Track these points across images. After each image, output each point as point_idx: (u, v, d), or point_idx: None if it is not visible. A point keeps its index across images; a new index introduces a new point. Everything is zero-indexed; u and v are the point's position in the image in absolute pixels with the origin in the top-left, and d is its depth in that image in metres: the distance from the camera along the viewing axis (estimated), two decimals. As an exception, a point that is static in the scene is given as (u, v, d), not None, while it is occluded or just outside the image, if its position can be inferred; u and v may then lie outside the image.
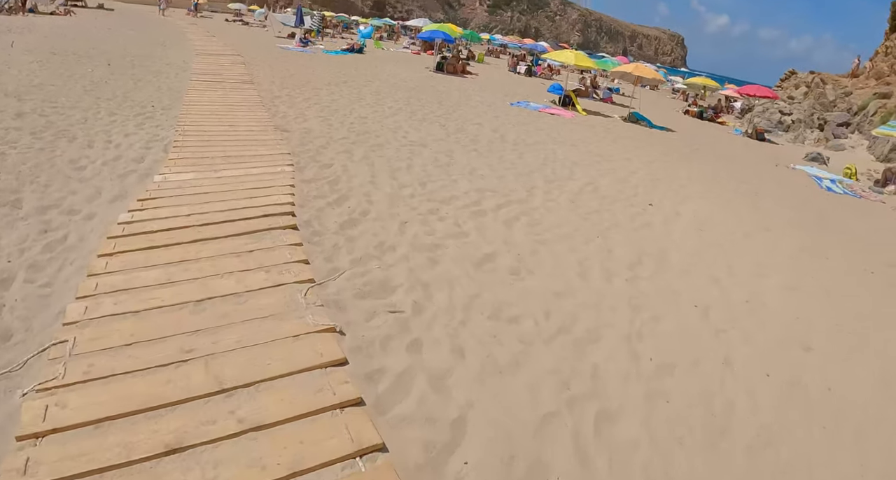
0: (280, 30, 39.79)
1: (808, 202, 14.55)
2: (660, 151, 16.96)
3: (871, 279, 8.87)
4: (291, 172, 8.58)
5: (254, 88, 15.71)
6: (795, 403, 4.97)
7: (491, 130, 14.85)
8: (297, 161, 9.24)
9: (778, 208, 12.59)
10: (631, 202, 10.51)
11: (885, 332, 6.83)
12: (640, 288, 6.76)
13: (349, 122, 12.97)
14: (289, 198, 7.41)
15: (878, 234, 12.56)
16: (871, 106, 29.37)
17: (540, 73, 37.51)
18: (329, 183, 8.40)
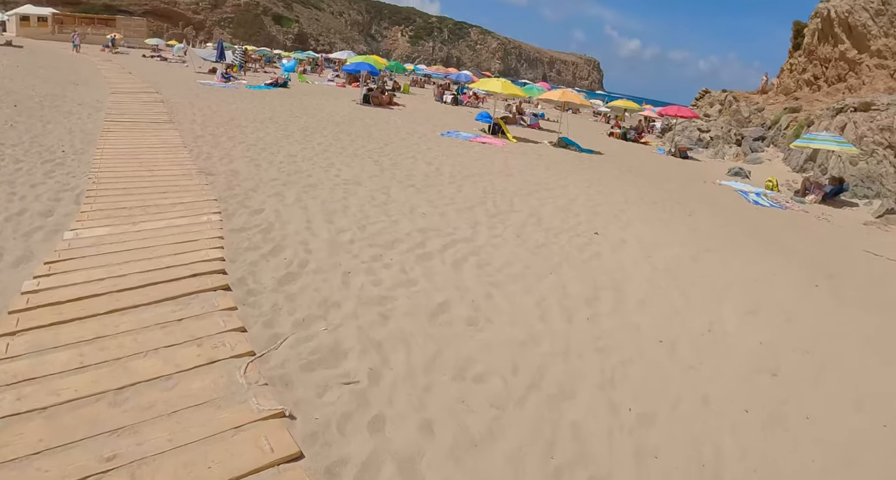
0: (200, 65, 38.46)
1: (741, 218, 14.80)
2: (593, 175, 16.94)
3: (817, 293, 8.98)
4: (219, 221, 7.83)
5: (174, 128, 14.78)
6: (780, 439, 4.81)
7: (425, 163, 14.42)
8: (224, 208, 8.49)
9: (715, 227, 12.72)
10: (576, 231, 10.25)
11: (842, 349, 6.86)
12: (602, 327, 6.43)
13: (278, 162, 12.28)
14: (218, 252, 6.69)
15: (811, 245, 12.96)
16: (783, 120, 30.53)
17: (466, 101, 37.54)
18: (261, 231, 7.71)
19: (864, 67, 30.66)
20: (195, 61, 39.43)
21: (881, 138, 23.13)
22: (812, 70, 35.37)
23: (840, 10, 31.30)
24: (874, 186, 22.11)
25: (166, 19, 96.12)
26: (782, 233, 13.71)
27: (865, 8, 30.19)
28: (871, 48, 29.97)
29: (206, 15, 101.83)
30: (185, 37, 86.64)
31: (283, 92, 29.09)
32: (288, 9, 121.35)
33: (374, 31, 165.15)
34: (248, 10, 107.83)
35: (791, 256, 11.26)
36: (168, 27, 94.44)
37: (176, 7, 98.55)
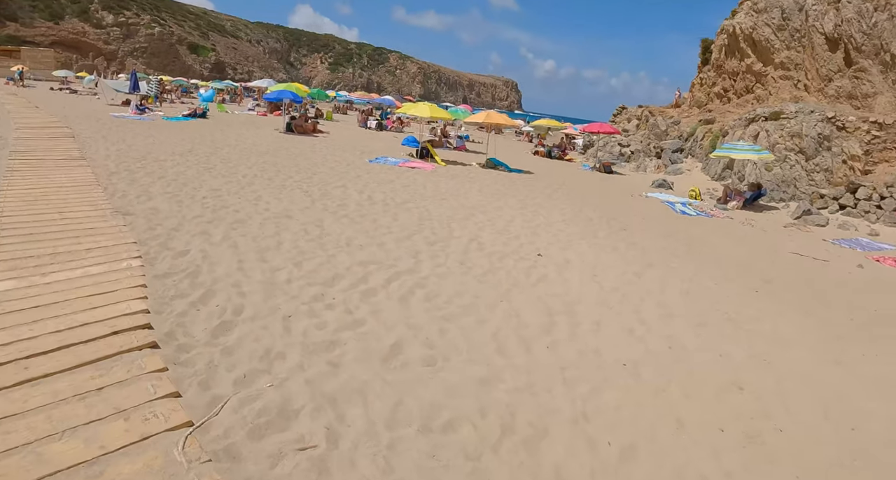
0: (113, 97, 36.52)
1: (673, 229, 15.04)
2: (526, 195, 16.85)
3: (759, 299, 9.23)
4: (140, 267, 7.08)
5: (86, 165, 13.71)
6: (759, 456, 4.77)
7: (357, 192, 13.92)
8: (145, 251, 7.73)
9: (651, 240, 12.83)
10: (519, 254, 10.00)
11: (795, 354, 7.04)
12: (564, 356, 6.15)
13: (201, 197, 11.52)
14: (141, 303, 5.97)
15: (742, 251, 13.41)
16: (699, 131, 31.52)
17: (391, 126, 37.23)
18: (188, 276, 7.02)
19: (770, 79, 32.09)
20: (107, 93, 37.30)
21: (792, 144, 24.16)
22: (721, 83, 36.81)
23: (745, 27, 32.70)
24: (789, 189, 23.15)
25: (75, 50, 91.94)
26: (714, 242, 14.06)
27: (768, 24, 31.64)
28: (774, 61, 31.41)
29: (117, 45, 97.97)
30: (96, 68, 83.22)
31: (203, 123, 27.99)
32: (204, 37, 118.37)
33: (293, 58, 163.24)
34: (163, 40, 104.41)
35: (727, 264, 11.59)
36: (77, 58, 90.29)
37: (85, 37, 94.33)
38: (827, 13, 28.32)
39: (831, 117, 24.04)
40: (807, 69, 29.84)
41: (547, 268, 9.33)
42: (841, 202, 21.04)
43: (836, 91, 27.81)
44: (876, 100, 25.72)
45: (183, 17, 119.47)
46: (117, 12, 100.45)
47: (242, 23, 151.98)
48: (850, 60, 27.09)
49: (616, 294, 8.53)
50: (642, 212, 17.53)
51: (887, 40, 25.28)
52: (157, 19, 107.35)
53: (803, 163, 23.76)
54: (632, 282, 9.22)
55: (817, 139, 23.61)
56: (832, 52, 28.10)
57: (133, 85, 33.33)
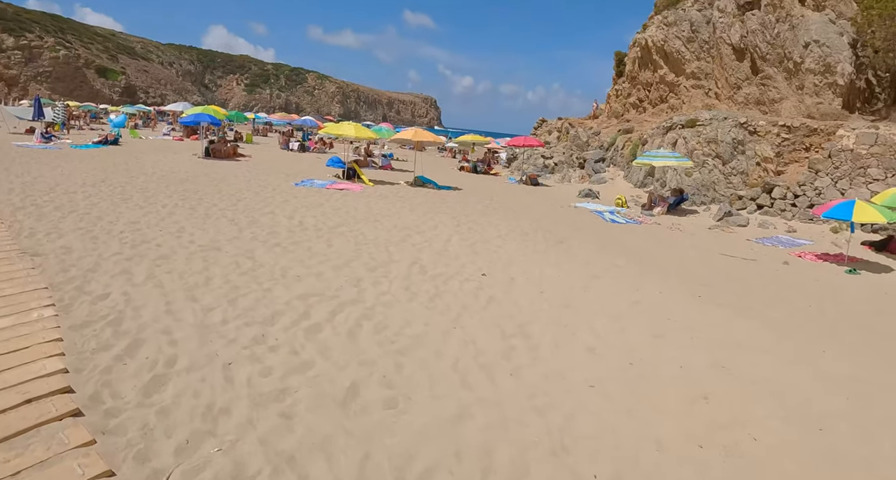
0: (15, 125, 34.33)
1: (607, 238, 15.26)
2: (459, 212, 16.57)
3: (703, 304, 9.36)
4: (54, 317, 6.27)
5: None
6: (741, 469, 4.67)
7: (286, 218, 13.28)
8: (59, 298, 6.90)
9: (590, 252, 12.88)
10: (463, 275, 9.67)
11: (749, 358, 7.08)
12: (529, 383, 5.85)
13: (118, 232, 10.60)
14: (58, 361, 5.21)
15: (675, 255, 13.83)
16: (619, 141, 32.19)
17: (313, 147, 36.41)
18: (110, 323, 6.25)
19: (683, 88, 33.18)
20: (9, 121, 35.07)
21: (709, 150, 24.95)
22: (637, 94, 37.85)
23: (656, 40, 33.72)
24: (709, 193, 23.93)
25: None
26: (648, 248, 14.31)
27: (678, 36, 32.73)
28: (686, 71, 32.52)
29: (19, 69, 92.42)
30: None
31: (115, 150, 26.51)
32: (113, 60, 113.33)
33: (208, 80, 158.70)
34: (69, 63, 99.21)
35: (665, 271, 11.76)
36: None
37: None
38: (733, 25, 29.53)
39: (743, 123, 24.95)
40: (717, 78, 31.00)
41: (493, 289, 9.03)
42: (758, 202, 21.89)
43: (745, 98, 28.99)
44: (782, 105, 26.95)
45: (90, 40, 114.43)
46: (18, 35, 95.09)
47: (154, 44, 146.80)
48: (757, 69, 28.30)
49: (567, 310, 8.33)
50: (574, 222, 17.59)
51: (790, 49, 26.52)
52: (62, 42, 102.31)
53: (721, 168, 24.54)
54: (580, 297, 9.07)
55: (732, 144, 24.41)
56: (739, 62, 29.29)
57: (37, 111, 31.24)
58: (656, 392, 5.88)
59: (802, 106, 25.95)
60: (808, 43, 25.62)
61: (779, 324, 8.68)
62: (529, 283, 9.60)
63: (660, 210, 21.93)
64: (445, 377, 5.79)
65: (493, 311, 7.97)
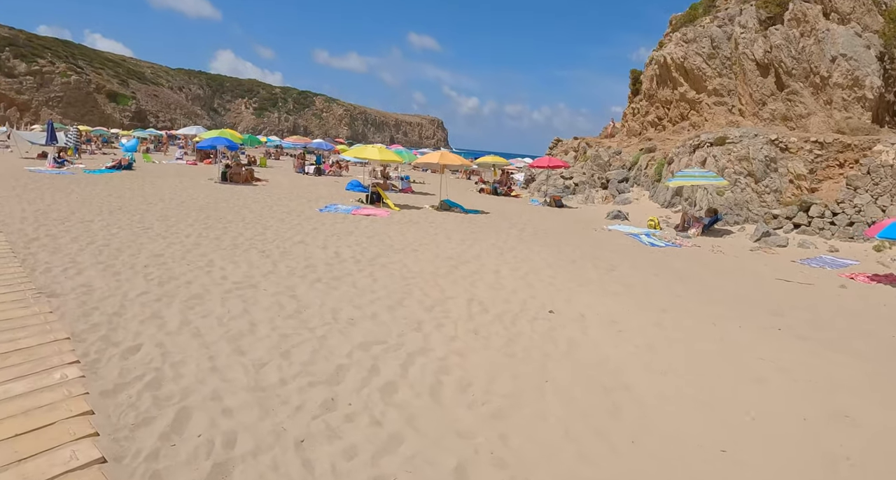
0: (27, 150, 33.50)
1: (655, 264, 14.24)
2: (497, 239, 15.54)
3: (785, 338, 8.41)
4: (80, 378, 5.13)
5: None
6: None
7: (320, 248, 12.19)
8: (83, 351, 5.78)
9: (644, 280, 11.92)
10: (528, 313, 8.55)
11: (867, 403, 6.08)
12: (654, 450, 4.80)
13: (142, 266, 9.53)
14: (91, 446, 4.02)
15: (729, 281, 12.85)
16: (642, 160, 31.16)
17: (329, 170, 35.40)
18: (148, 386, 5.11)
19: (705, 105, 32.21)
20: (21, 145, 34.25)
21: (741, 168, 23.96)
22: (655, 112, 36.91)
23: (676, 57, 32.83)
24: (742, 212, 22.93)
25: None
26: (700, 274, 13.36)
27: (698, 53, 31.83)
28: (707, 88, 31.57)
29: (31, 95, 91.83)
30: (8, 119, 78.00)
31: (129, 175, 25.59)
32: (123, 85, 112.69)
33: (217, 104, 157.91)
34: (80, 89, 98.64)
35: (728, 300, 10.78)
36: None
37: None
38: (756, 41, 28.63)
39: (774, 139, 24.01)
40: (740, 94, 30.02)
41: (567, 328, 7.91)
42: (795, 221, 20.86)
43: (770, 114, 27.98)
44: (810, 121, 25.95)
45: (101, 65, 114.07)
46: (30, 60, 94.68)
47: (163, 69, 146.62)
48: (782, 84, 27.35)
49: (654, 353, 7.22)
50: (614, 247, 16.52)
51: (816, 64, 25.59)
52: (73, 67, 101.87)
53: (753, 186, 23.53)
54: (661, 336, 7.96)
55: (764, 161, 23.43)
56: (764, 77, 28.35)
57: (50, 136, 30.41)
58: (791, 453, 4.86)
59: (831, 121, 24.97)
60: (834, 57, 24.73)
61: (872, 359, 7.60)
62: (601, 320, 8.47)
63: (695, 231, 20.86)
64: (560, 449, 4.65)
65: (580, 358, 6.83)
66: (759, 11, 30.07)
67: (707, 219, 21.80)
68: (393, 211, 19.79)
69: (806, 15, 26.94)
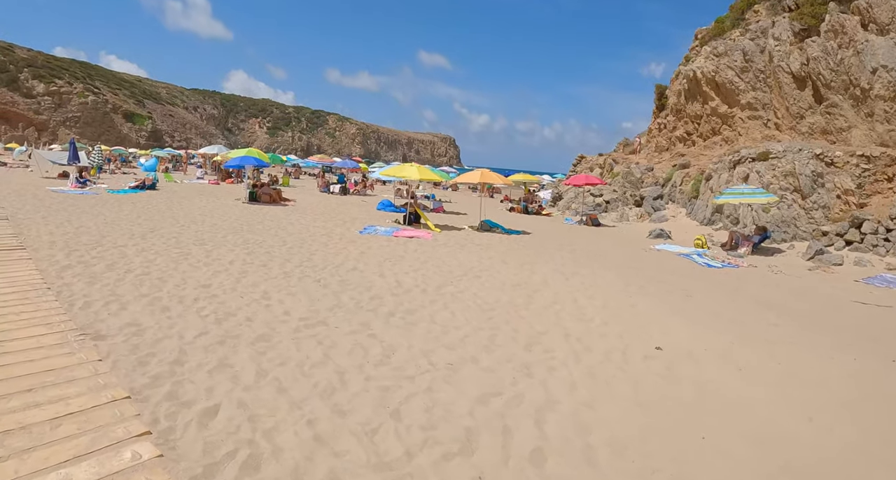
0: (48, 169, 32.54)
1: (726, 287, 13.38)
2: (554, 262, 14.55)
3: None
4: (158, 460, 3.95)
5: (28, 257, 10.38)
6: None
7: (377, 275, 11.09)
8: (151, 417, 4.64)
9: (724, 306, 11.00)
10: (635, 351, 7.49)
11: None
12: None
13: (192, 299, 8.43)
14: None
15: (807, 304, 12.04)
16: (675, 176, 30.08)
17: (353, 190, 34.34)
18: (245, 470, 3.94)
19: (738, 120, 31.11)
20: (42, 165, 33.16)
21: (787, 183, 22.91)
22: (683, 127, 35.81)
23: (706, 71, 31.83)
24: (789, 229, 21.95)
25: (4, 121, 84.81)
26: (776, 298, 12.36)
27: (730, 66, 30.83)
28: (741, 102, 30.50)
29: (49, 115, 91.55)
30: (27, 139, 77.66)
31: (154, 195, 24.56)
32: (140, 105, 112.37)
33: (231, 124, 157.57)
34: (97, 109, 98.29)
35: (821, 327, 9.86)
36: (6, 129, 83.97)
37: (15, 107, 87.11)
38: (791, 53, 27.62)
39: (819, 154, 22.99)
40: (776, 108, 28.94)
41: (683, 367, 6.87)
42: (846, 237, 19.92)
43: (809, 127, 26.85)
44: (851, 134, 24.86)
45: (117, 85, 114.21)
46: (49, 81, 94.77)
47: (178, 90, 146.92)
48: (821, 97, 26.27)
49: (793, 396, 6.24)
50: (673, 269, 15.45)
51: (856, 75, 24.54)
52: (90, 87, 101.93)
53: (800, 202, 22.46)
54: (783, 372, 7.03)
55: (811, 176, 22.32)
56: (801, 90, 27.29)
57: (72, 155, 29.49)
58: None
59: (874, 134, 23.82)
60: (875, 68, 23.64)
61: None
62: (713, 357, 7.44)
63: (745, 250, 19.74)
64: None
65: (717, 405, 5.75)
66: (793, 23, 29.02)
67: (756, 236, 20.70)
68: (434, 232, 18.71)
69: (844, 26, 25.90)
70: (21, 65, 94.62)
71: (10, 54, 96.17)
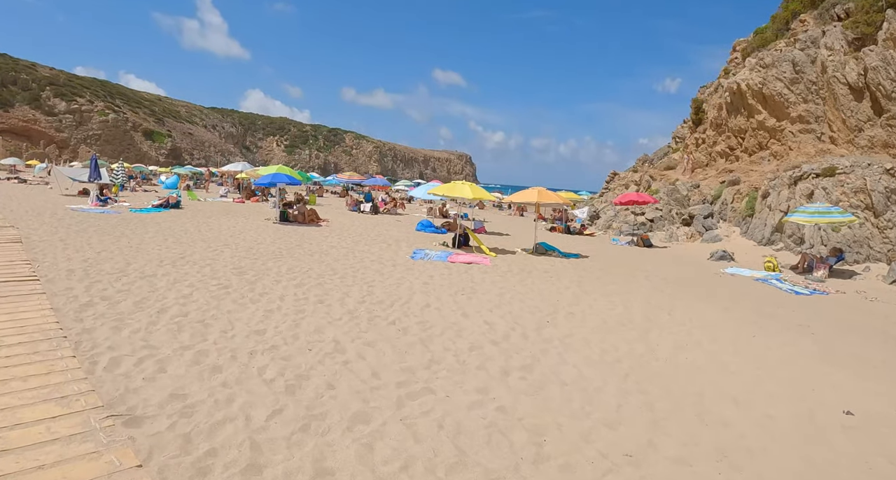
0: (68, 186, 30.92)
1: (842, 321, 11.37)
2: (642, 294, 12.67)
3: None
4: None
5: (41, 291, 8.57)
6: None
7: (461, 316, 9.16)
8: None
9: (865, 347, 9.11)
10: (818, 418, 5.58)
11: None
12: None
13: (248, 353, 6.57)
14: None
15: None
16: (725, 194, 28.11)
17: (383, 208, 32.39)
18: None
19: (788, 134, 29.07)
20: (61, 182, 31.53)
21: (857, 201, 20.96)
22: (725, 141, 33.83)
23: (752, 83, 29.93)
24: (862, 250, 19.97)
25: (25, 138, 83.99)
26: None
27: (779, 78, 28.90)
28: (791, 115, 28.50)
29: (70, 132, 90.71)
30: (48, 156, 76.69)
31: (178, 214, 22.77)
32: (159, 123, 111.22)
33: (249, 142, 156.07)
34: (117, 127, 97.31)
35: None
36: (28, 146, 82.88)
37: (36, 125, 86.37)
38: (847, 63, 25.67)
39: (890, 169, 20.98)
40: (830, 121, 26.91)
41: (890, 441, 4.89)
42: (928, 259, 17.83)
43: (868, 141, 24.81)
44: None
45: (137, 104, 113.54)
46: (70, 99, 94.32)
47: (197, 108, 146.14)
48: (881, 108, 24.28)
49: None
50: (761, 296, 13.62)
51: (919, 85, 22.61)
52: (111, 106, 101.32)
53: (873, 220, 20.37)
54: None
55: (885, 193, 20.25)
56: (858, 102, 25.29)
57: (94, 172, 27.80)
58: None
59: (941, 146, 21.90)
60: (939, 77, 21.74)
61: None
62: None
63: (823, 273, 17.70)
64: None
65: None
66: (846, 32, 27.08)
67: (832, 258, 18.68)
68: (490, 256, 16.78)
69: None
70: (43, 83, 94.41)
71: (33, 72, 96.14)
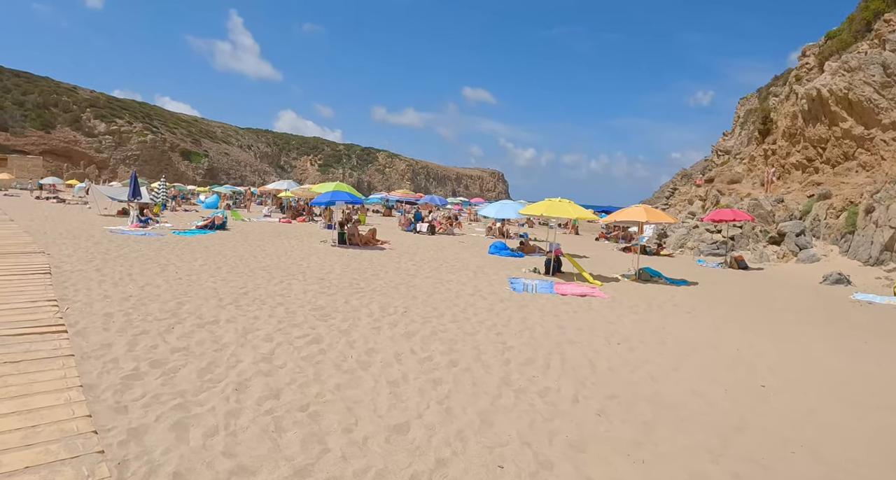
0: (107, 206, 28.99)
1: None
2: (793, 330, 9.84)
3: None
4: None
5: (69, 350, 6.07)
6: None
7: (608, 369, 6.47)
8: None
9: None
10: None
11: None
12: None
13: (406, 468, 4.07)
14: None
15: None
16: (816, 209, 25.08)
17: (439, 228, 29.70)
18: None
19: (879, 142, 25.91)
20: (100, 201, 29.51)
21: None
22: (802, 152, 30.77)
23: (837, 88, 26.93)
24: None
25: (66, 159, 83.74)
26: None
27: (867, 82, 25.88)
28: (882, 122, 25.39)
29: (109, 153, 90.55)
30: (88, 176, 76.01)
31: (225, 236, 20.38)
32: (196, 144, 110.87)
33: (283, 162, 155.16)
34: (155, 147, 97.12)
35: None
36: (68, 166, 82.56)
37: (77, 146, 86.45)
38: (948, 64, 22.63)
39: None
40: (927, 128, 23.82)
41: None
42: None
43: (970, 148, 21.67)
44: None
45: (175, 125, 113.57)
46: (110, 121, 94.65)
47: (232, 129, 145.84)
48: None
49: None
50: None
51: None
52: (149, 127, 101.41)
53: None
54: None
55: None
56: (958, 106, 22.20)
57: (133, 190, 25.72)
58: None
59: None
60: None
61: None
62: None
63: (966, 298, 14.74)
64: None
65: None
66: (943, 31, 24.13)
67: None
68: (596, 285, 14.03)
69: None
70: (84, 105, 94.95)
71: (74, 95, 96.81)
